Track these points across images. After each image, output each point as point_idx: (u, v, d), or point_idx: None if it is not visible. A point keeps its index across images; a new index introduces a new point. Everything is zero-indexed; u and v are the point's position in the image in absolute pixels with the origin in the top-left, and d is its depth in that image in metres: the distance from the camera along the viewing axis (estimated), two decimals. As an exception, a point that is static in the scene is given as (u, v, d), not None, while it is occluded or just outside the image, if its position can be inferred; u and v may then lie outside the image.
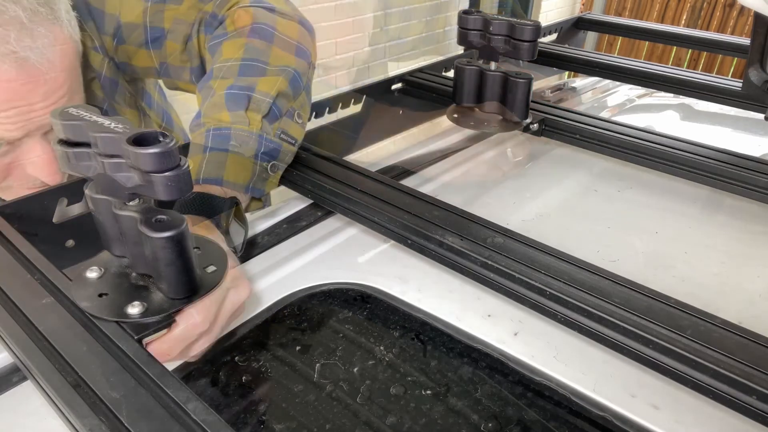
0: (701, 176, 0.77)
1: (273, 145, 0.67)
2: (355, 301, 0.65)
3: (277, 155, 0.68)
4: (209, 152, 0.64)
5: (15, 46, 0.62)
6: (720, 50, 1.35)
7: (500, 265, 0.54)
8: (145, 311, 0.44)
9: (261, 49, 0.71)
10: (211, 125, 0.65)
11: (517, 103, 0.85)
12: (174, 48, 0.79)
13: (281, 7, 0.77)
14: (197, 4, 0.78)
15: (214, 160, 0.64)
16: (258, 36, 0.72)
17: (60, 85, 0.67)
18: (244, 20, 0.73)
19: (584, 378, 0.54)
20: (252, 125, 0.66)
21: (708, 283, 0.70)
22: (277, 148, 0.67)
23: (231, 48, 0.71)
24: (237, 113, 0.65)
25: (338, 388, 0.53)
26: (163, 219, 0.42)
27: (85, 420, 0.37)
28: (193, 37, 0.79)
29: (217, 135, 0.64)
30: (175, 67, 0.81)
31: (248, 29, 0.72)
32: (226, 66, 0.69)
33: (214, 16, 0.76)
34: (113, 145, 0.39)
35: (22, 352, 0.42)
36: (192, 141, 0.66)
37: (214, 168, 0.63)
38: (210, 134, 0.65)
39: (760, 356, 0.43)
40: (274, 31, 0.73)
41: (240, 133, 0.65)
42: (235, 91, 0.67)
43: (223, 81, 0.68)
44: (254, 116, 0.66)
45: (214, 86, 0.68)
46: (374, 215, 0.64)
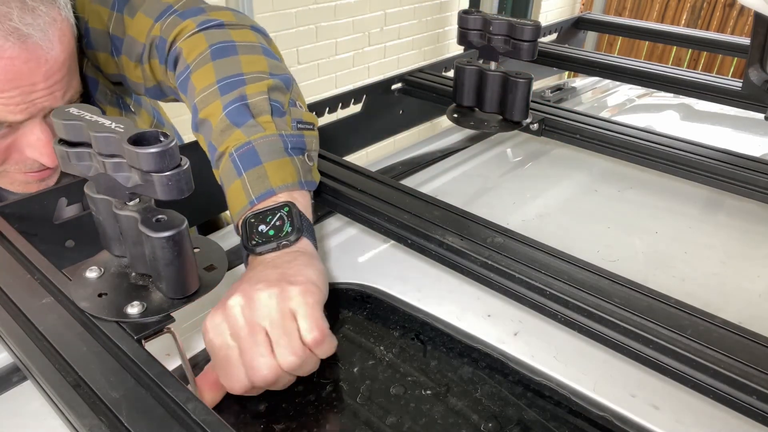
0: (701, 176, 0.77)
1: (296, 138, 0.64)
2: (355, 301, 0.65)
3: (305, 145, 0.65)
4: (245, 173, 0.60)
5: (18, 23, 0.62)
6: (720, 50, 1.35)
7: (500, 265, 0.54)
8: (144, 311, 0.44)
9: (231, 64, 0.68)
10: (231, 148, 0.62)
11: (517, 103, 0.85)
12: (128, 63, 0.79)
13: (229, 20, 0.74)
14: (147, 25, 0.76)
15: (254, 176, 0.60)
16: (221, 55, 0.69)
17: (60, 65, 0.67)
18: (200, 47, 0.70)
19: (584, 378, 0.54)
20: (267, 129, 0.63)
21: (708, 283, 0.70)
22: (302, 138, 0.65)
23: (201, 77, 0.68)
24: (247, 125, 0.63)
25: (338, 388, 0.53)
26: (162, 219, 0.42)
27: (85, 420, 0.37)
28: (144, 60, 0.77)
29: (242, 154, 0.61)
30: (132, 81, 0.81)
31: (208, 53, 0.69)
32: (205, 94, 0.67)
33: (162, 40, 0.74)
34: (113, 144, 0.39)
35: (22, 352, 0.42)
36: (222, 174, 0.63)
37: (259, 184, 0.60)
38: (235, 157, 0.61)
39: (760, 356, 0.43)
40: (234, 43, 0.71)
41: (261, 141, 0.62)
42: (231, 107, 0.64)
43: (212, 107, 0.65)
44: (264, 119, 0.64)
45: (208, 117, 0.65)
46: (374, 215, 0.64)
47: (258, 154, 0.61)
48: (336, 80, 3.25)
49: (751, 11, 0.78)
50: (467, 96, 0.89)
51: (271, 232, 0.56)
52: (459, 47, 0.96)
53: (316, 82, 3.11)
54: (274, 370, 0.48)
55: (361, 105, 0.95)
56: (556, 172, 0.96)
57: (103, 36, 0.79)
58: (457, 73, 0.89)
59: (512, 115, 0.86)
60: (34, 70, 0.64)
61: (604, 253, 0.74)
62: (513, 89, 0.84)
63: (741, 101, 1.01)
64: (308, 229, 0.59)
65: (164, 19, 0.75)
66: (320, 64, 3.12)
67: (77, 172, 0.42)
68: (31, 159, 0.71)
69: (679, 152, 0.79)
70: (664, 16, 4.49)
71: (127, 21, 0.77)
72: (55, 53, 0.66)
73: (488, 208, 0.84)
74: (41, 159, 0.71)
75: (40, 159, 0.71)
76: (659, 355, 0.46)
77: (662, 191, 0.90)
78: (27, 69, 0.64)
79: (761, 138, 1.15)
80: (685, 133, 0.89)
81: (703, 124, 1.25)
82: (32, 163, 0.72)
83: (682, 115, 1.25)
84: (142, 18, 0.76)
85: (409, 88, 1.01)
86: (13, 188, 0.77)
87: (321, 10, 2.97)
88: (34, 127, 0.69)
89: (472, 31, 0.88)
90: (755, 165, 0.76)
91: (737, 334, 0.46)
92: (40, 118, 0.69)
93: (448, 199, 0.65)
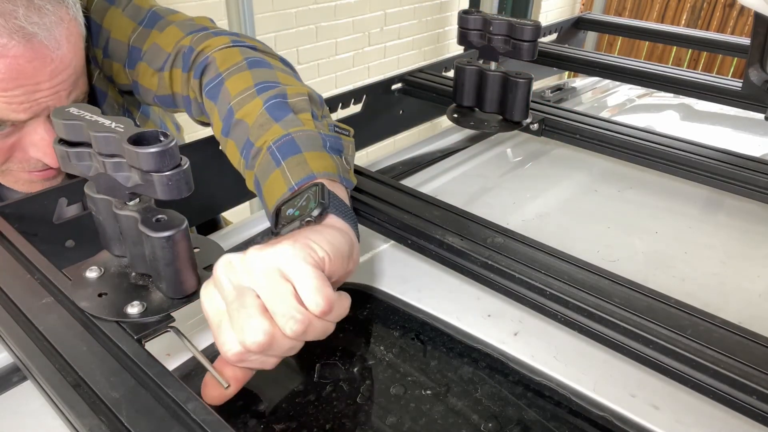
0: (701, 176, 0.77)
1: (333, 139, 0.62)
2: (355, 301, 0.65)
3: (342, 148, 0.62)
4: (285, 162, 0.58)
5: (23, 22, 0.62)
6: (720, 50, 1.35)
7: (500, 265, 0.54)
8: (144, 311, 0.44)
9: (268, 74, 0.67)
10: (270, 141, 0.60)
11: (517, 103, 0.85)
12: (146, 70, 0.79)
13: (261, 47, 0.75)
14: (177, 36, 0.76)
15: (294, 164, 0.57)
16: (257, 66, 0.69)
17: (66, 65, 0.67)
18: (234, 58, 0.70)
19: (584, 378, 0.54)
20: (306, 125, 0.61)
21: (708, 283, 0.70)
22: (339, 141, 0.62)
23: (237, 82, 0.67)
24: (287, 119, 0.61)
25: (338, 388, 0.53)
26: (162, 219, 0.42)
27: (85, 420, 0.37)
28: (165, 68, 0.77)
29: (282, 145, 0.59)
30: (144, 87, 0.81)
31: (244, 63, 0.69)
32: (242, 97, 0.65)
33: (191, 49, 0.74)
34: (113, 144, 0.39)
35: (22, 352, 0.42)
36: (259, 171, 0.60)
37: (299, 170, 0.57)
38: (273, 149, 0.59)
39: (760, 356, 0.43)
40: (269, 62, 0.71)
41: (301, 134, 0.60)
42: (271, 102, 0.62)
43: (251, 106, 0.64)
44: (304, 116, 0.62)
45: (244, 117, 0.63)
46: (374, 215, 0.64)
47: (297, 144, 0.59)
48: (336, 80, 3.25)
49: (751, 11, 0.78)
50: (467, 96, 0.89)
51: (296, 212, 0.53)
52: (459, 47, 0.96)
53: (316, 82, 3.11)
54: (266, 332, 0.43)
55: (361, 105, 0.95)
56: (556, 172, 0.96)
57: (122, 47, 0.80)
58: (457, 73, 0.89)
59: (512, 115, 0.86)
60: (38, 70, 0.64)
61: (604, 253, 0.74)
62: (513, 89, 0.84)
63: (741, 101, 1.01)
64: (340, 208, 0.54)
65: (196, 33, 0.75)
66: (320, 64, 3.12)
67: (77, 172, 0.42)
68: (35, 158, 0.71)
69: (679, 152, 0.79)
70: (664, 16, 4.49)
71: (154, 34, 0.78)
72: (61, 53, 0.66)
73: (488, 208, 0.84)
74: (44, 159, 0.71)
75: (44, 159, 0.71)
76: (659, 355, 0.46)
77: (662, 191, 0.90)
78: (31, 68, 0.63)
79: (761, 138, 1.15)
80: (685, 133, 0.89)
81: (703, 124, 1.25)
82: (36, 163, 0.72)
83: (682, 115, 1.25)
84: (173, 30, 0.77)
85: (409, 88, 1.01)
86: (17, 187, 0.77)
87: (321, 10, 2.97)
88: (38, 126, 0.69)
89: (472, 31, 0.88)
90: (755, 165, 0.76)
91: (737, 334, 0.46)
92: (44, 117, 0.69)
93: (448, 199, 0.65)
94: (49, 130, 0.70)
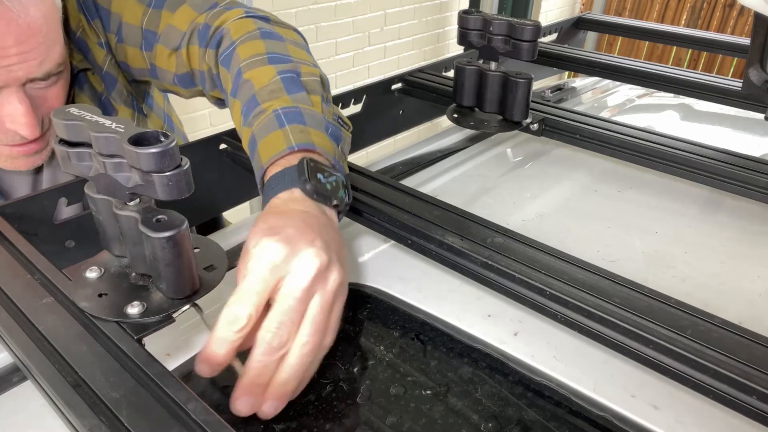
0: (701, 176, 0.77)
1: (334, 127, 0.63)
2: (355, 301, 0.65)
3: (341, 139, 0.63)
4: (289, 126, 0.58)
5: None
6: (720, 50, 1.35)
7: (500, 265, 0.54)
8: (144, 311, 0.44)
9: (279, 46, 0.70)
10: (277, 106, 0.60)
11: (517, 103, 0.85)
12: (162, 51, 0.80)
13: (274, 18, 0.78)
14: (191, 16, 0.78)
15: (298, 131, 0.58)
16: (269, 38, 0.71)
17: (35, 31, 0.67)
18: (248, 27, 0.73)
19: (584, 378, 0.54)
20: (315, 107, 0.62)
21: (708, 283, 0.70)
22: (339, 131, 0.63)
23: (248, 48, 0.69)
24: (298, 95, 0.62)
25: (338, 388, 0.53)
26: (163, 219, 0.42)
27: (85, 420, 0.37)
28: (182, 46, 0.79)
29: (289, 113, 0.60)
30: (162, 69, 0.82)
31: (257, 32, 0.71)
32: (252, 60, 0.66)
33: (206, 26, 0.76)
34: (113, 145, 0.39)
35: (22, 352, 0.42)
36: (258, 128, 0.60)
37: (302, 137, 0.57)
38: (281, 112, 0.60)
39: (760, 356, 0.43)
40: (281, 35, 0.73)
41: (308, 111, 0.61)
42: (286, 75, 0.64)
43: (261, 70, 0.65)
44: (314, 98, 0.63)
45: (252, 78, 0.64)
46: (374, 215, 0.64)
47: (304, 117, 0.59)
48: (336, 80, 3.25)
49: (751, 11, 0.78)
50: (467, 96, 0.89)
51: (329, 186, 0.54)
52: (459, 47, 0.96)
53: (316, 82, 3.11)
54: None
55: (361, 105, 0.95)
56: (556, 172, 0.96)
57: (135, 31, 0.81)
58: (457, 73, 0.89)
59: (512, 115, 0.86)
60: (4, 34, 0.64)
61: (604, 253, 0.74)
62: (513, 89, 0.84)
63: (741, 101, 1.01)
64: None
65: (210, 11, 0.78)
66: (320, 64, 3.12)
67: (77, 172, 0.42)
68: (12, 131, 0.71)
69: (679, 152, 0.79)
70: (664, 16, 4.49)
71: (165, 15, 0.79)
72: (28, 19, 0.65)
73: (488, 208, 0.84)
74: (20, 130, 0.70)
75: (20, 130, 0.70)
76: (659, 355, 0.46)
77: (662, 191, 0.90)
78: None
79: (761, 138, 1.15)
80: (685, 133, 0.89)
81: (703, 124, 1.25)
82: (13, 136, 0.72)
83: (682, 115, 1.25)
84: (186, 9, 0.79)
85: (409, 88, 1.01)
86: (0, 164, 0.77)
87: (321, 10, 2.97)
88: (11, 96, 0.68)
89: (472, 31, 0.88)
90: (755, 165, 0.76)
91: (737, 334, 0.46)
92: (17, 87, 0.68)
93: (448, 199, 0.65)
94: (23, 100, 0.69)
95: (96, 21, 0.82)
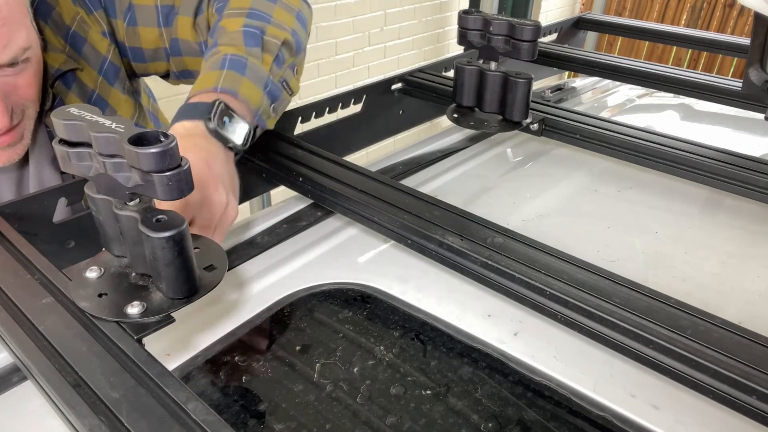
0: (701, 176, 0.77)
1: (276, 88, 0.71)
2: (355, 301, 0.65)
3: (278, 98, 0.71)
4: (227, 70, 0.67)
5: None
6: (720, 50, 1.35)
7: (500, 265, 0.54)
8: (144, 311, 0.44)
9: (266, 5, 0.76)
10: (229, 52, 0.69)
11: (517, 103, 0.85)
12: (185, 22, 0.82)
13: None
14: None
15: (231, 77, 0.66)
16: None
17: None
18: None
19: (584, 378, 0.54)
20: (264, 64, 0.70)
21: (708, 283, 0.70)
22: (279, 92, 0.71)
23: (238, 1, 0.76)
24: (253, 49, 0.70)
25: (338, 388, 0.53)
26: (163, 219, 0.42)
27: (85, 420, 0.37)
28: (203, 10, 0.82)
29: (235, 60, 0.68)
30: (187, 41, 0.84)
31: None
32: (234, 11, 0.74)
33: None
34: (113, 145, 0.39)
35: (22, 352, 0.42)
36: (206, 63, 0.69)
37: (231, 82, 0.66)
38: (228, 58, 0.68)
39: (760, 356, 0.43)
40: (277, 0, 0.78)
41: (254, 65, 0.69)
42: (250, 29, 0.71)
43: (234, 20, 0.73)
44: (266, 57, 0.70)
45: (226, 26, 0.73)
46: (374, 215, 0.64)
47: (245, 69, 0.68)
48: (336, 80, 3.24)
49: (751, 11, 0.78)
50: (467, 96, 0.89)
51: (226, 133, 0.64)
52: (459, 47, 0.96)
53: (316, 82, 3.11)
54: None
55: (361, 105, 0.95)
56: (556, 172, 0.96)
57: (150, 11, 0.83)
58: (457, 73, 0.89)
59: (512, 115, 0.86)
60: None
61: (604, 253, 0.74)
62: (513, 89, 0.84)
63: (741, 101, 1.01)
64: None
65: None
66: (320, 64, 3.12)
67: (77, 172, 0.42)
68: None
69: (679, 152, 0.79)
70: (664, 16, 4.49)
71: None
72: None
73: (488, 208, 0.84)
74: None
75: None
76: (659, 355, 0.46)
77: (662, 191, 0.90)
78: None
79: (761, 138, 1.15)
80: (685, 133, 0.89)
81: (703, 124, 1.25)
82: None
83: (682, 115, 1.25)
84: None
85: (409, 88, 1.01)
86: None
87: (321, 10, 2.97)
88: None
89: (472, 31, 0.88)
90: (755, 165, 0.76)
91: (737, 334, 0.46)
92: None
93: (448, 199, 0.65)
94: None
95: (99, 11, 0.82)
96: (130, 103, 0.88)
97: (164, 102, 1.04)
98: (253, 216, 0.81)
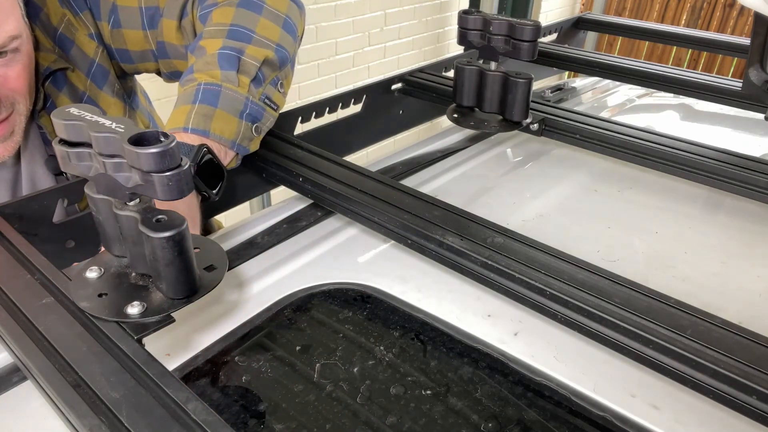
0: (701, 176, 0.77)
1: (257, 108, 0.70)
2: (355, 301, 0.65)
3: (260, 118, 0.71)
4: (198, 104, 0.66)
5: None
6: (720, 50, 1.35)
7: (500, 265, 0.54)
8: (144, 311, 0.44)
9: (249, 18, 0.74)
10: (203, 80, 0.68)
11: (517, 103, 0.85)
12: (170, 25, 0.81)
13: None
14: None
15: (202, 113, 0.66)
16: (246, 7, 0.74)
17: None
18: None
19: (584, 378, 0.54)
20: (240, 87, 0.68)
21: (708, 283, 0.70)
22: (261, 111, 0.71)
23: (221, 14, 0.74)
24: (228, 73, 0.68)
25: (338, 388, 0.53)
26: (163, 219, 0.42)
27: (85, 420, 0.37)
28: (187, 12, 0.80)
29: (208, 90, 0.67)
30: (173, 45, 0.83)
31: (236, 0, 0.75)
32: (215, 29, 0.73)
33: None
34: (113, 145, 0.39)
35: (22, 352, 0.42)
36: (182, 93, 0.68)
37: (202, 120, 0.66)
38: (201, 88, 0.67)
39: (760, 356, 0.43)
40: (264, 4, 0.76)
41: (229, 92, 0.68)
42: (227, 51, 0.70)
43: (214, 41, 0.71)
44: (243, 79, 0.69)
45: (206, 46, 0.71)
46: (374, 215, 0.64)
47: (218, 99, 0.67)
48: (336, 80, 3.24)
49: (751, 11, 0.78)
50: (467, 96, 0.89)
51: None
52: (459, 47, 0.96)
53: (316, 82, 3.11)
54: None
55: (361, 105, 0.95)
56: (556, 172, 0.96)
57: (133, 12, 0.82)
58: (457, 73, 0.89)
59: (512, 115, 0.86)
60: None
61: (604, 253, 0.74)
62: (513, 89, 0.84)
63: (741, 101, 1.01)
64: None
65: None
66: (320, 64, 3.12)
67: (77, 172, 0.42)
68: None
69: (679, 152, 0.79)
70: (664, 16, 4.49)
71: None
72: None
73: (488, 208, 0.84)
74: None
75: None
76: (659, 355, 0.46)
77: (662, 191, 0.90)
78: None
79: (761, 138, 1.15)
80: (685, 133, 0.89)
81: (703, 124, 1.25)
82: None
83: (682, 115, 1.25)
84: None
85: (409, 88, 1.01)
86: None
87: (321, 10, 2.97)
88: None
89: (472, 31, 0.88)
90: (755, 165, 0.76)
91: (737, 334, 0.46)
92: None
93: (448, 199, 0.65)
94: None
95: (85, 12, 0.81)
96: (119, 106, 0.88)
97: (163, 102, 1.04)
98: (253, 216, 0.81)
